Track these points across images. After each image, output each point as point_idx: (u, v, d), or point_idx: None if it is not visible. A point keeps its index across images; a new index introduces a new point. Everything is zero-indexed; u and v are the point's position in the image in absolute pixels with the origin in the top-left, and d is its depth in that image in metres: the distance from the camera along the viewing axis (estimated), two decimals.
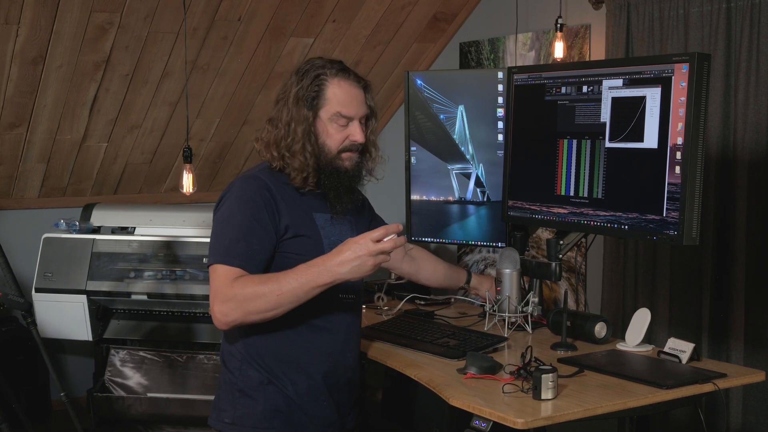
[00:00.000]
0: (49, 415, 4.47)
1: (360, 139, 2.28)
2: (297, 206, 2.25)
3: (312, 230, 2.26)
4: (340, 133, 2.27)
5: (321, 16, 4.34)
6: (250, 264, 2.15)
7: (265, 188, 2.22)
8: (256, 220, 2.18)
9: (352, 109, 2.27)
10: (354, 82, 2.29)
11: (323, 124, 2.26)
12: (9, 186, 4.52)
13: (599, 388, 2.24)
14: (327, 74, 2.26)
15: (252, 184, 2.24)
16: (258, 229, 2.17)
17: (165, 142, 4.66)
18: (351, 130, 2.27)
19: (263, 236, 2.18)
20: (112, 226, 4.06)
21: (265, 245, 2.18)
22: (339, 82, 2.26)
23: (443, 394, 2.24)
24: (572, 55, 4.08)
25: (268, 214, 2.19)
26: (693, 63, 2.46)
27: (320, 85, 2.26)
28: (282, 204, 2.22)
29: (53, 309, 3.92)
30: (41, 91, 4.05)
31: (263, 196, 2.20)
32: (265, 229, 2.18)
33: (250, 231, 2.17)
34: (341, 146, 2.27)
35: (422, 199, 3.37)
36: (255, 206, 2.19)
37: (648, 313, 2.63)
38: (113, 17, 3.86)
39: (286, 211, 2.22)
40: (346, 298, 2.31)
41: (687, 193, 2.48)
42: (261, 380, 2.23)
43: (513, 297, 2.83)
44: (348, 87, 2.27)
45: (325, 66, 2.28)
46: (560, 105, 2.83)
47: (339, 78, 2.27)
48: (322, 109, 2.25)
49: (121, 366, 3.99)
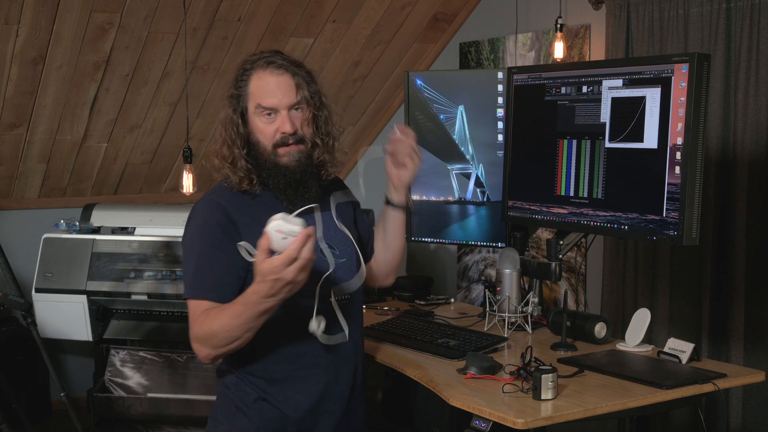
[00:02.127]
0: (49, 415, 4.47)
1: (287, 129, 2.09)
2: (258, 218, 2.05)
3: None
4: (270, 126, 2.10)
5: (321, 16, 4.34)
6: (216, 293, 2.05)
7: (220, 211, 2.10)
8: (215, 247, 2.07)
9: (273, 99, 2.09)
10: (277, 69, 2.10)
11: (252, 121, 2.12)
12: (9, 186, 4.52)
13: (599, 388, 2.24)
14: (252, 68, 2.12)
15: (206, 209, 2.13)
16: (219, 255, 2.06)
17: (165, 142, 4.66)
18: (279, 122, 2.10)
19: (226, 262, 2.06)
20: (112, 227, 4.06)
21: (231, 270, 2.06)
22: (260, 74, 2.11)
23: (443, 394, 2.24)
24: (572, 55, 4.08)
25: (227, 237, 2.07)
26: (693, 63, 2.46)
27: (244, 80, 2.13)
28: (240, 224, 2.09)
29: (53, 309, 3.92)
30: (41, 91, 4.05)
31: (219, 220, 2.09)
32: (227, 253, 2.05)
33: (210, 259, 2.07)
34: (274, 140, 2.10)
35: (422, 199, 3.37)
36: (212, 233, 2.09)
37: (648, 313, 2.63)
38: (113, 17, 3.85)
39: (245, 229, 2.08)
40: (340, 300, 2.18)
41: (687, 193, 2.48)
42: (256, 397, 2.14)
43: (513, 297, 2.83)
44: (269, 76, 2.10)
45: (255, 59, 2.14)
46: (560, 105, 2.83)
47: (261, 69, 2.11)
48: (247, 105, 2.12)
49: (121, 366, 3.99)
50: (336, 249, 2.18)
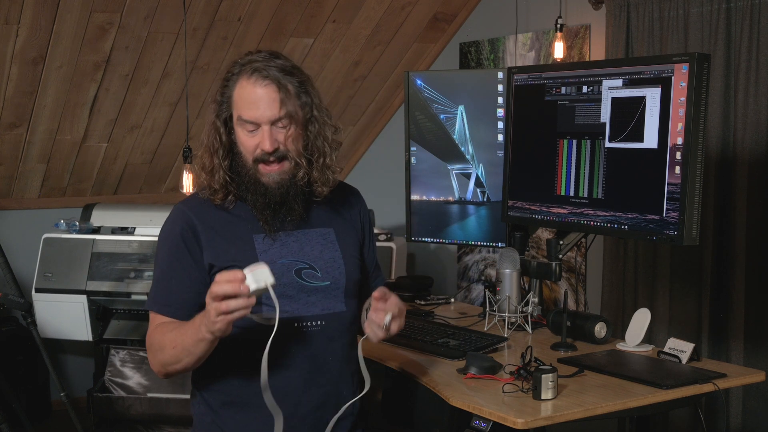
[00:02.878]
0: (49, 415, 4.47)
1: (266, 148, 1.93)
2: (229, 232, 1.99)
3: (245, 256, 1.96)
4: (251, 140, 1.95)
5: (321, 16, 4.34)
6: (170, 308, 1.96)
7: (183, 221, 1.99)
8: (175, 259, 1.97)
9: (254, 112, 1.93)
10: (260, 79, 1.93)
11: (236, 131, 1.98)
12: (9, 186, 4.52)
13: (599, 388, 2.24)
14: (238, 74, 1.96)
15: (172, 218, 2.03)
16: (178, 268, 1.97)
17: (165, 142, 4.66)
18: (259, 137, 1.95)
19: (183, 276, 1.96)
20: (112, 226, 4.07)
21: (186, 284, 1.96)
22: (243, 82, 1.95)
23: (443, 394, 2.24)
24: (572, 55, 4.08)
25: (188, 250, 1.96)
26: (693, 63, 2.46)
27: (229, 85, 1.98)
28: (205, 236, 1.97)
29: (53, 309, 3.92)
30: (41, 91, 4.05)
31: (182, 231, 1.98)
32: (186, 266, 1.96)
33: (169, 272, 1.98)
34: (254, 155, 1.96)
35: (422, 199, 3.37)
36: (173, 244, 1.98)
37: (648, 313, 2.63)
38: (113, 17, 3.86)
39: (209, 244, 1.97)
40: (308, 327, 2.00)
41: (687, 193, 2.48)
42: (209, 420, 2.02)
43: (513, 297, 2.83)
44: (251, 87, 1.94)
45: (243, 62, 1.97)
46: (560, 105, 2.83)
47: (245, 77, 1.95)
48: (231, 114, 1.98)
49: (121, 366, 3.99)
50: (318, 271, 2.03)
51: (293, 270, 2.01)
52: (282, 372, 1.96)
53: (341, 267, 2.06)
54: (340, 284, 2.05)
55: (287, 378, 1.97)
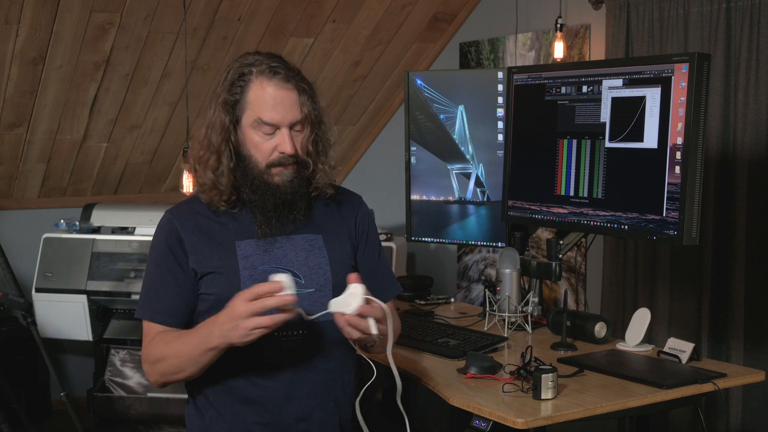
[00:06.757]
0: (49, 414, 4.47)
1: (288, 150, 1.91)
2: (212, 239, 1.96)
3: (228, 263, 1.94)
4: (268, 142, 1.92)
5: (321, 16, 4.34)
6: (161, 315, 1.95)
7: (168, 230, 1.97)
8: (163, 267, 1.96)
9: (276, 115, 1.90)
10: (282, 81, 1.91)
11: (247, 133, 1.93)
12: (9, 186, 4.52)
13: (599, 388, 2.24)
14: (253, 72, 1.92)
15: (158, 227, 2.00)
16: (167, 275, 1.95)
17: (165, 142, 4.66)
18: (278, 140, 1.92)
19: (170, 283, 1.94)
20: (112, 226, 4.07)
21: (175, 291, 1.94)
22: (262, 83, 1.91)
23: (443, 394, 2.24)
24: (572, 55, 4.08)
25: (174, 257, 1.94)
26: (693, 63, 2.47)
27: (243, 86, 1.92)
28: (189, 242, 1.95)
29: (53, 309, 3.92)
30: (41, 91, 4.05)
31: (167, 238, 1.96)
32: (173, 273, 1.94)
33: (156, 279, 1.96)
34: (270, 159, 1.93)
35: (422, 199, 3.37)
36: (160, 253, 1.97)
37: (648, 313, 2.63)
38: (113, 17, 3.86)
39: (193, 250, 1.95)
40: (289, 336, 1.94)
41: (687, 193, 2.48)
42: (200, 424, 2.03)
43: (513, 297, 2.83)
44: (272, 88, 1.91)
45: (254, 63, 1.93)
46: (560, 105, 2.83)
47: (263, 77, 1.91)
48: (243, 115, 1.93)
49: (121, 366, 3.99)
50: (302, 278, 1.97)
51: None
52: (262, 382, 1.94)
53: (327, 274, 1.99)
54: (325, 291, 1.98)
55: (267, 388, 1.94)
